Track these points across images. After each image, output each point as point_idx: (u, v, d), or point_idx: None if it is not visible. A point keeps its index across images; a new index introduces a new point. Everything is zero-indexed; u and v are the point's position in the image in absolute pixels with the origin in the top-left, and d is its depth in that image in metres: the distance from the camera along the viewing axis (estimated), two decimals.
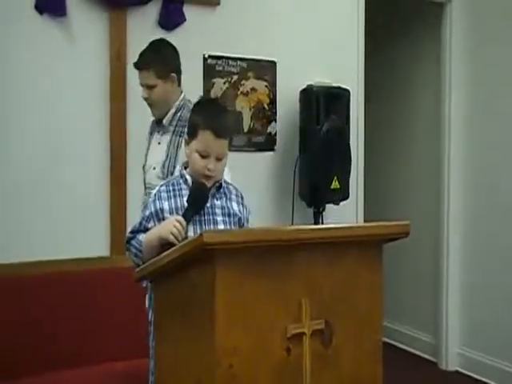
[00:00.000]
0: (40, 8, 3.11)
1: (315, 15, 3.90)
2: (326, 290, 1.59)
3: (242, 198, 2.13)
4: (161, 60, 2.46)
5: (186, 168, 2.08)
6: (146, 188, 2.52)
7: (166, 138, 2.45)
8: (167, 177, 2.31)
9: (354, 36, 4.05)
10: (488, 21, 4.16)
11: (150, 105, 2.51)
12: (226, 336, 1.42)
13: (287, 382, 1.52)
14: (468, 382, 4.15)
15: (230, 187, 2.12)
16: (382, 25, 4.95)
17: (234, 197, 2.09)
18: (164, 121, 2.48)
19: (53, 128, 3.15)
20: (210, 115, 1.99)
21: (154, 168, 2.44)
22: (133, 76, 3.26)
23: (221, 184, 2.06)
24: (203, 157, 1.97)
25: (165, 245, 1.89)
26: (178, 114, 2.46)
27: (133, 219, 2.21)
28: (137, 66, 2.49)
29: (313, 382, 1.54)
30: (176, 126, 2.44)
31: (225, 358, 1.42)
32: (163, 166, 2.39)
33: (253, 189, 3.64)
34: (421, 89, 4.79)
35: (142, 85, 2.48)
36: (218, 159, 1.99)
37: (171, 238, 1.89)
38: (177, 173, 2.14)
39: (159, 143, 2.48)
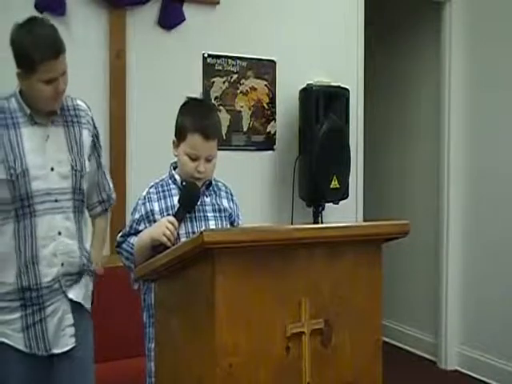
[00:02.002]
0: (40, 7, 3.12)
1: (315, 15, 3.90)
2: (326, 290, 1.59)
3: (231, 194, 2.15)
4: (60, 38, 1.97)
5: (174, 168, 2.09)
6: (31, 199, 1.94)
7: (56, 130, 2.04)
8: (80, 173, 2.05)
9: (354, 35, 4.05)
10: (487, 19, 4.16)
11: (58, 99, 2.01)
12: (225, 335, 1.42)
13: (287, 381, 1.52)
14: (467, 381, 4.16)
15: (219, 184, 2.14)
16: (382, 24, 4.95)
17: (223, 194, 2.12)
18: (58, 111, 2.06)
19: None
20: (198, 117, 1.98)
21: (53, 169, 1.99)
22: (133, 75, 3.29)
23: (210, 182, 2.08)
24: (193, 159, 1.98)
25: (157, 246, 1.89)
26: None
27: None
28: (57, 51, 1.92)
29: (312, 382, 1.55)
30: (65, 115, 2.08)
31: (225, 358, 1.42)
32: (74, 163, 2.04)
33: (252, 188, 3.66)
34: (420, 87, 4.79)
35: (55, 76, 1.94)
36: (208, 160, 2.00)
37: (164, 239, 1.89)
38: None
39: (48, 136, 2.02)
